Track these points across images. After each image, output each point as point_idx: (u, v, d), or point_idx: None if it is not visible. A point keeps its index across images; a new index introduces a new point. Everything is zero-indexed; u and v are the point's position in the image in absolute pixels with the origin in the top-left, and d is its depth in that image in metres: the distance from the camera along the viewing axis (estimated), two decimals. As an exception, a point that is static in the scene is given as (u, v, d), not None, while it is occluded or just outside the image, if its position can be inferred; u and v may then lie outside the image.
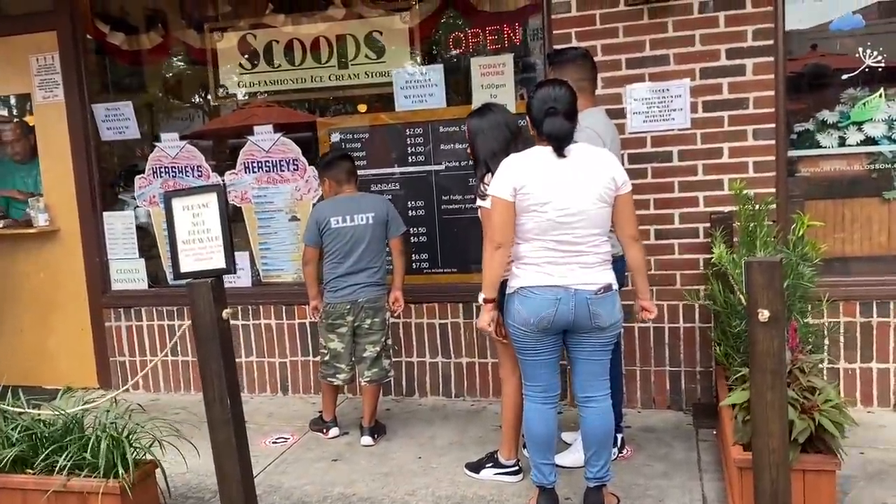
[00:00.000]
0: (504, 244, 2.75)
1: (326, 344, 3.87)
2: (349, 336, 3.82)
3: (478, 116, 3.19)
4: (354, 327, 3.82)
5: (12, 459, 3.03)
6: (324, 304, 3.87)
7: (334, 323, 3.81)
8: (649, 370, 4.10)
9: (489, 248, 2.79)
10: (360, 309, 3.79)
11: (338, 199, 3.85)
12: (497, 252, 2.76)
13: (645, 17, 3.85)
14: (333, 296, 3.80)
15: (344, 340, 3.82)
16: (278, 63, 4.65)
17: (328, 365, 3.87)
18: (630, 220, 2.81)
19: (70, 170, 4.88)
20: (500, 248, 2.75)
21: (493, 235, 2.77)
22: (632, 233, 2.82)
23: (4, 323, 5.14)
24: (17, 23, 4.90)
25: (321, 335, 3.91)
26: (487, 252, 2.80)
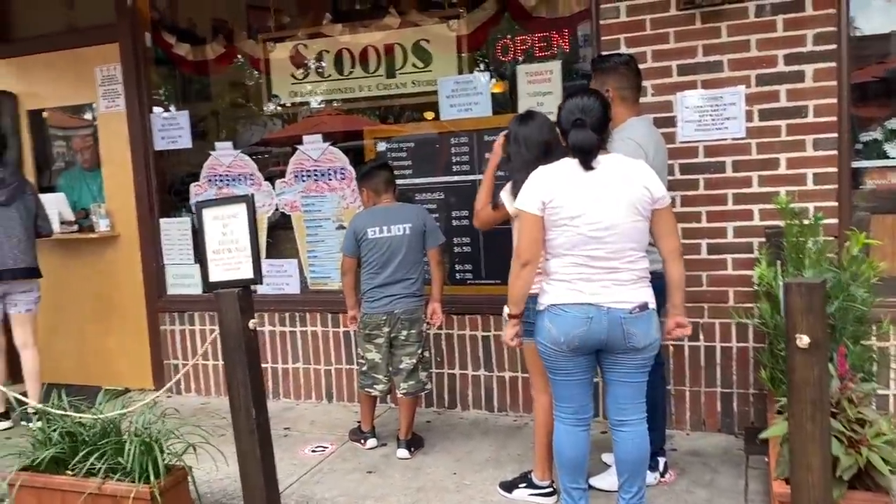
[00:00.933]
0: (531, 261, 2.66)
1: (364, 354, 3.85)
2: (386, 347, 3.79)
3: (517, 123, 3.12)
4: (391, 338, 3.78)
5: (53, 460, 3.12)
6: (361, 315, 3.84)
7: (371, 334, 3.79)
8: (699, 391, 3.91)
9: (516, 265, 2.70)
10: (397, 320, 3.75)
11: (375, 210, 3.83)
12: (524, 269, 2.66)
13: (697, 21, 3.69)
14: (370, 306, 3.78)
15: (381, 351, 3.79)
16: (328, 73, 4.68)
17: (366, 375, 3.85)
18: (670, 234, 2.68)
19: (130, 177, 5.04)
20: (528, 265, 2.66)
21: (519, 251, 2.68)
22: (673, 247, 2.68)
23: (68, 324, 5.34)
24: (84, 35, 5.10)
25: (359, 345, 3.90)
26: (514, 268, 2.72)
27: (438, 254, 3.85)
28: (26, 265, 4.52)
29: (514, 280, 2.72)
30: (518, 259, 2.69)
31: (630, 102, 3.18)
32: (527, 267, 2.66)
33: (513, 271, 2.73)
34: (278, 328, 4.82)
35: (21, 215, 4.51)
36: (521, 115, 3.17)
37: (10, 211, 4.46)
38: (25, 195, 4.57)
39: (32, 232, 4.59)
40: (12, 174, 4.58)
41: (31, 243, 4.57)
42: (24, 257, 4.50)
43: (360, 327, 3.84)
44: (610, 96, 3.03)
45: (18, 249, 4.47)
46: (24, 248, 4.51)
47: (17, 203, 4.50)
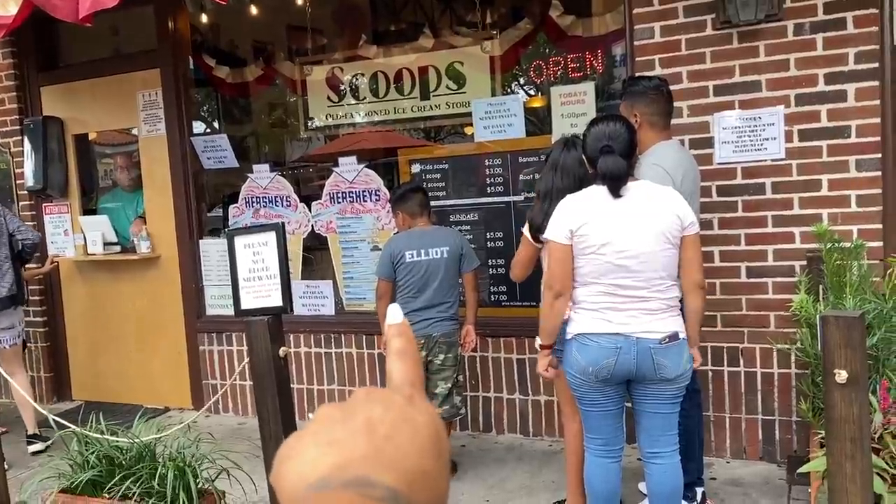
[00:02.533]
0: (564, 292, 2.61)
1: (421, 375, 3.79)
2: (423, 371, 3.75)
3: (561, 147, 3.07)
4: (427, 363, 3.75)
5: (90, 482, 3.18)
6: None
7: None
8: (739, 418, 3.80)
9: (548, 296, 2.65)
10: (435, 343, 3.71)
11: (412, 233, 3.81)
12: (557, 301, 2.62)
13: (734, 41, 3.62)
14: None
15: None
16: (363, 96, 4.72)
17: None
18: (695, 265, 2.60)
19: (170, 199, 5.13)
20: (561, 296, 2.61)
21: (551, 283, 2.64)
22: (696, 279, 2.61)
23: (110, 343, 5.46)
24: (127, 62, 5.24)
25: None
26: (547, 299, 2.67)
27: (474, 278, 3.82)
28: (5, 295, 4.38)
29: (547, 311, 2.68)
30: (550, 290, 2.65)
31: (659, 128, 3.11)
32: (560, 298, 2.62)
33: (545, 301, 2.70)
34: (313, 349, 4.84)
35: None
36: (567, 141, 3.10)
37: None
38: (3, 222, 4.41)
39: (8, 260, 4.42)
40: None
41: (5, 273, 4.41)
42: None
43: None
44: (637, 121, 2.98)
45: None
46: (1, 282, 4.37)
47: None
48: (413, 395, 0.49)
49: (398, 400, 0.48)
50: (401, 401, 0.48)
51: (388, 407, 0.47)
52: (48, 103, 5.47)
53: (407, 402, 0.48)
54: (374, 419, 0.45)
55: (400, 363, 0.54)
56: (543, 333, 2.73)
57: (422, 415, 0.47)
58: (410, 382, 0.52)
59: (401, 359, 0.54)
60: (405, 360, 0.54)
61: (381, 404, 0.47)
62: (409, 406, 0.47)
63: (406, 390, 0.50)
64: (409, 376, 0.53)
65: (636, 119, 3.00)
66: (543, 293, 2.73)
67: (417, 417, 0.47)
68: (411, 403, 0.48)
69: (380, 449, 0.44)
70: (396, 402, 0.47)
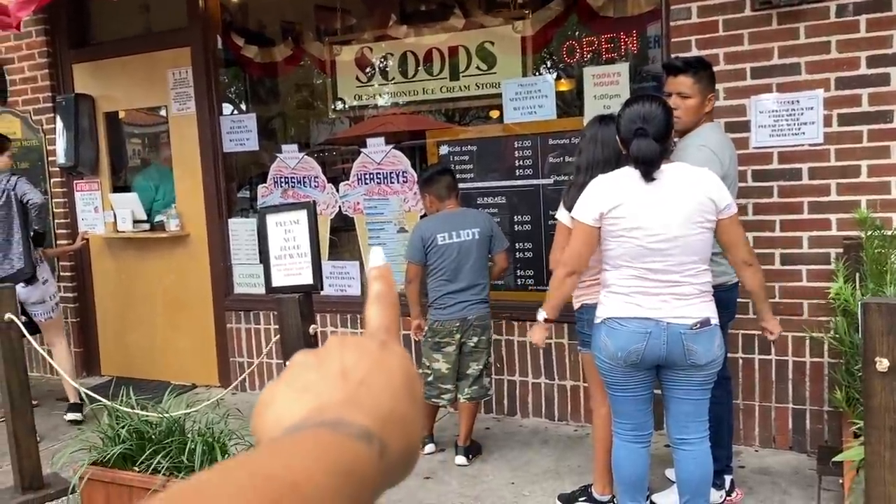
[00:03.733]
0: (577, 271, 2.60)
1: (430, 364, 3.77)
2: (455, 355, 3.73)
3: (598, 121, 3.05)
4: (460, 344, 3.73)
5: (121, 456, 3.22)
6: (430, 322, 3.79)
7: (441, 341, 3.72)
8: (769, 406, 3.76)
9: (561, 272, 2.64)
10: (469, 326, 3.69)
11: (442, 216, 3.78)
12: (569, 278, 2.61)
13: (774, 22, 3.53)
14: (442, 313, 3.71)
15: (450, 360, 3.72)
16: (392, 76, 4.69)
17: (432, 386, 3.77)
18: (739, 243, 2.58)
19: (199, 178, 5.15)
20: (574, 274, 2.60)
21: (566, 260, 2.62)
22: (744, 256, 2.59)
23: (140, 320, 5.51)
24: (157, 40, 5.24)
25: (424, 355, 3.84)
26: (559, 275, 2.65)
27: (505, 258, 3.80)
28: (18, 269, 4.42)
29: (557, 286, 2.68)
30: (564, 267, 2.63)
31: (702, 108, 3.06)
32: (572, 276, 2.62)
33: (556, 277, 2.68)
34: (340, 329, 4.86)
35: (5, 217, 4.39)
36: (605, 116, 3.08)
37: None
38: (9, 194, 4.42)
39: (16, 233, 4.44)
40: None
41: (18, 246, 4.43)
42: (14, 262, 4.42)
43: (429, 335, 3.78)
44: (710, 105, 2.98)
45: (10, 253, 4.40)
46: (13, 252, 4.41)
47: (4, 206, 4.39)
48: (387, 342, 0.50)
49: (372, 346, 0.49)
50: (374, 347, 0.49)
51: (361, 353, 0.47)
52: (80, 81, 5.50)
53: (380, 347, 0.49)
54: (348, 366, 0.46)
55: (378, 307, 0.54)
56: (549, 308, 2.72)
57: (395, 358, 0.48)
58: (386, 328, 0.52)
59: (379, 303, 0.54)
60: (383, 304, 0.54)
61: (355, 351, 0.48)
62: (382, 352, 0.48)
63: (380, 335, 0.51)
64: (384, 321, 0.53)
65: (710, 101, 2.96)
66: (557, 268, 2.70)
67: (391, 362, 0.48)
68: (385, 349, 0.49)
69: (354, 394, 0.44)
70: (370, 349, 0.48)
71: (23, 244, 4.44)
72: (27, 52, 5.52)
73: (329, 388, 0.45)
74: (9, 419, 3.68)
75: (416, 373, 0.49)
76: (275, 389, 0.47)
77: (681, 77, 3.00)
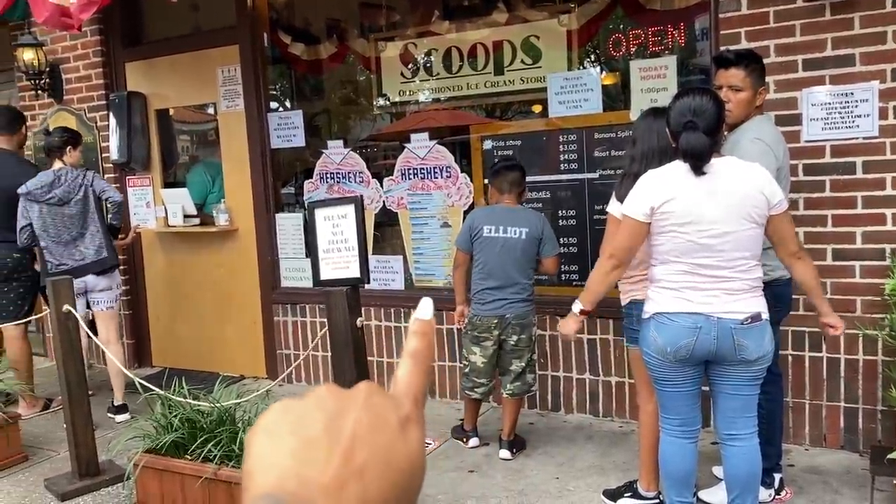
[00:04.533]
0: (623, 265, 2.59)
1: (468, 356, 3.81)
2: (493, 350, 3.73)
3: (652, 113, 3.03)
4: (501, 341, 3.73)
5: (174, 444, 3.31)
6: (470, 315, 3.81)
7: (480, 336, 3.73)
8: (820, 405, 3.69)
9: (606, 264, 2.62)
10: (508, 325, 3.68)
11: (494, 208, 3.77)
12: (614, 271, 2.60)
13: (827, 13, 3.46)
14: (481, 308, 3.71)
15: (486, 355, 3.73)
16: (437, 72, 4.71)
17: (467, 378, 3.82)
18: (790, 238, 2.54)
19: (248, 174, 5.25)
20: (619, 267, 2.59)
21: (614, 251, 2.60)
22: (795, 250, 2.55)
23: (189, 312, 5.64)
24: (208, 38, 5.35)
25: (464, 346, 3.88)
26: (604, 266, 2.64)
27: (553, 264, 3.75)
28: (92, 260, 4.53)
29: (600, 278, 2.66)
30: (610, 259, 2.61)
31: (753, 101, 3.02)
32: (618, 269, 2.61)
33: (600, 268, 2.66)
34: (383, 323, 4.90)
35: (80, 211, 4.50)
36: (658, 108, 3.06)
37: (68, 209, 4.47)
38: (87, 189, 4.50)
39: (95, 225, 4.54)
40: (71, 172, 4.51)
41: (92, 237, 4.54)
42: (89, 253, 4.53)
43: (469, 328, 3.79)
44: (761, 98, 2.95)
45: (79, 246, 4.51)
46: (87, 244, 4.52)
47: (76, 200, 4.48)
48: (409, 419, 0.46)
49: (392, 422, 0.45)
50: (394, 424, 0.45)
51: (377, 428, 0.44)
52: (132, 79, 5.64)
53: (399, 427, 0.45)
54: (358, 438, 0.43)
55: (411, 366, 0.51)
56: (586, 300, 2.71)
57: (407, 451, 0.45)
58: (414, 396, 0.49)
59: (413, 362, 0.51)
60: (417, 365, 0.51)
61: (374, 421, 0.44)
62: (399, 435, 0.45)
63: (406, 407, 0.47)
64: (414, 387, 0.50)
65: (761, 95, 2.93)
66: (602, 259, 2.68)
67: (401, 454, 0.44)
68: (404, 431, 0.45)
69: (344, 484, 0.41)
70: (388, 426, 0.45)
71: (103, 236, 4.58)
72: (82, 52, 5.68)
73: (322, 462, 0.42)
74: (66, 408, 3.80)
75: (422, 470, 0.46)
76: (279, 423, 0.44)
77: (732, 69, 2.96)
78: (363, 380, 0.51)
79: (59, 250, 4.50)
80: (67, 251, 4.51)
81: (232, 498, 3.11)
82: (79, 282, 4.39)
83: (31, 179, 4.47)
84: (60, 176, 4.47)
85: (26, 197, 4.43)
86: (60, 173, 4.48)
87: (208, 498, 3.16)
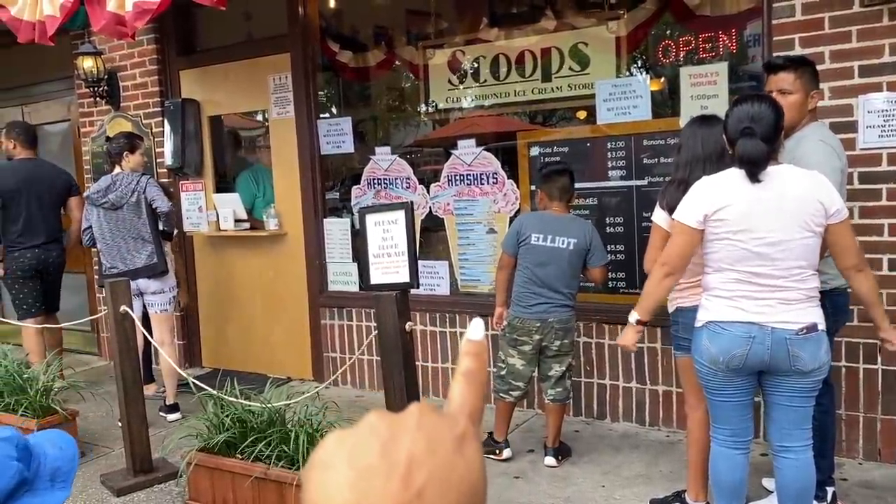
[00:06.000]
0: (675, 272, 2.57)
1: (505, 359, 3.76)
2: (532, 354, 3.70)
3: (700, 120, 3.01)
4: (542, 347, 3.71)
5: (225, 443, 3.38)
6: (510, 317, 3.77)
7: (519, 339, 3.69)
8: (875, 418, 3.61)
9: (659, 272, 2.61)
10: (550, 329, 3.65)
11: (544, 216, 3.73)
12: (667, 279, 2.59)
13: (885, 18, 3.39)
14: (523, 310, 3.67)
15: (525, 358, 3.70)
16: (484, 79, 4.74)
17: (502, 380, 3.76)
18: (850, 250, 2.49)
19: (297, 179, 5.34)
20: (672, 276, 2.57)
21: (667, 260, 2.59)
22: (854, 262, 2.51)
23: (239, 314, 5.76)
24: (260, 46, 5.46)
25: (501, 348, 3.84)
26: (657, 275, 2.62)
27: (601, 274, 3.72)
28: (142, 265, 4.64)
29: (654, 287, 2.64)
30: (663, 267, 2.60)
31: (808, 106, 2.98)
32: (671, 277, 2.59)
33: (654, 277, 2.65)
34: (429, 328, 4.94)
35: (132, 217, 4.60)
36: (705, 115, 3.06)
37: (121, 213, 4.58)
38: (138, 195, 4.60)
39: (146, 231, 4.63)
40: (128, 177, 4.62)
41: (144, 243, 4.64)
42: (140, 258, 4.63)
43: (508, 331, 3.76)
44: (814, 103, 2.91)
45: (130, 250, 4.61)
46: (138, 249, 4.63)
47: (129, 205, 4.58)
48: (465, 436, 0.46)
49: (447, 441, 0.45)
50: (450, 441, 0.45)
51: (433, 448, 0.44)
52: (186, 86, 5.79)
53: (457, 444, 0.45)
54: (415, 461, 0.43)
55: (465, 386, 0.51)
56: (642, 310, 2.69)
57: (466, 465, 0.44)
58: (469, 413, 0.49)
59: (466, 380, 0.51)
60: (471, 385, 0.51)
61: (429, 441, 0.44)
62: (457, 450, 0.44)
63: (461, 424, 0.47)
64: (468, 405, 0.49)
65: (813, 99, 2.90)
66: (655, 267, 2.67)
67: (460, 469, 0.44)
68: (461, 447, 0.45)
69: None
70: (444, 445, 0.44)
71: (154, 241, 4.67)
72: (139, 60, 5.85)
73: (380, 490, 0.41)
74: (122, 406, 3.92)
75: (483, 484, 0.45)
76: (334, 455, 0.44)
77: (781, 73, 2.93)
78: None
79: (112, 253, 4.64)
80: (119, 255, 4.65)
81: (281, 497, 3.16)
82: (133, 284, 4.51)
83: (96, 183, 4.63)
84: (116, 181, 4.61)
85: (87, 200, 4.60)
86: (116, 178, 4.63)
87: (258, 497, 3.23)
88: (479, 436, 0.48)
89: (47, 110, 6.80)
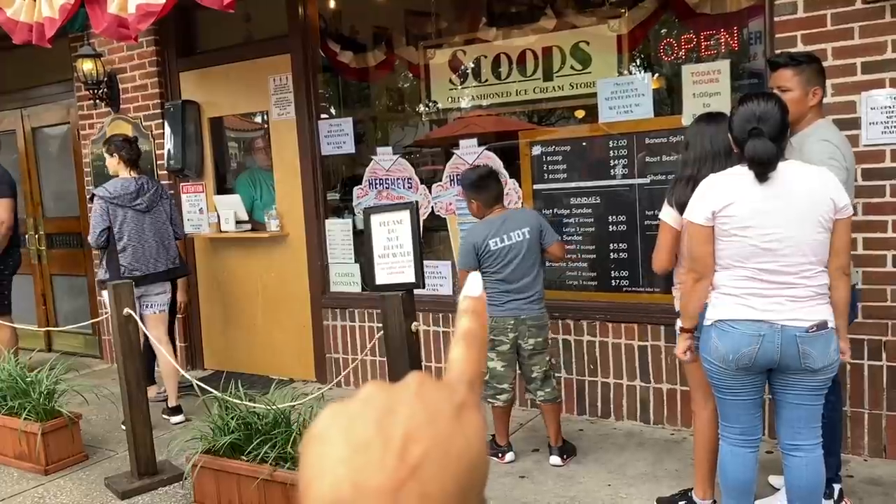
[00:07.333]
0: (705, 274, 2.54)
1: (486, 363, 3.75)
2: (511, 355, 3.69)
3: (706, 117, 3.00)
4: (517, 346, 3.69)
5: (230, 445, 3.37)
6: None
7: (495, 339, 3.66)
8: (880, 414, 3.60)
9: (689, 280, 2.60)
10: (524, 325, 3.64)
11: (492, 220, 3.69)
12: (699, 284, 2.56)
13: (887, 14, 3.39)
14: (497, 309, 3.64)
15: (505, 359, 3.68)
16: (485, 78, 4.73)
17: (488, 385, 3.73)
18: (844, 250, 2.48)
19: (298, 180, 5.33)
20: (703, 279, 2.55)
21: (693, 265, 2.58)
22: (843, 264, 2.49)
23: (241, 316, 5.75)
24: (260, 47, 5.45)
25: None
26: (688, 282, 2.62)
27: (559, 249, 3.75)
28: (165, 268, 4.72)
29: (689, 294, 2.63)
30: (691, 273, 2.59)
31: (814, 104, 2.98)
32: (702, 281, 2.55)
33: (686, 284, 2.65)
34: (432, 328, 4.93)
35: (160, 220, 4.70)
36: (710, 113, 3.05)
37: (150, 216, 4.65)
38: (163, 200, 4.75)
39: (170, 235, 4.78)
40: (150, 181, 4.77)
41: (168, 247, 4.75)
42: (162, 261, 4.70)
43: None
44: (815, 100, 2.89)
45: (157, 253, 4.67)
46: (162, 252, 4.70)
47: (157, 209, 4.69)
48: (464, 405, 0.44)
49: (446, 412, 0.43)
50: (449, 412, 0.43)
51: (431, 419, 0.42)
52: (186, 88, 5.78)
53: (456, 414, 0.43)
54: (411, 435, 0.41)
55: (464, 348, 0.48)
56: (685, 316, 2.68)
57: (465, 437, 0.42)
58: (469, 380, 0.46)
59: (467, 343, 0.49)
60: (470, 347, 0.48)
61: (426, 413, 0.42)
62: (456, 421, 0.43)
63: (460, 392, 0.45)
64: (469, 370, 0.47)
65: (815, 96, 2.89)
66: (685, 274, 2.67)
67: (459, 442, 0.42)
68: (460, 416, 0.43)
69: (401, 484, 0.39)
70: (443, 416, 0.43)
71: (175, 246, 4.85)
72: (138, 62, 5.83)
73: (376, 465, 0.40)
74: (126, 409, 3.90)
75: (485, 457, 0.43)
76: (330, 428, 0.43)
77: (781, 70, 2.94)
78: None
79: (138, 255, 4.64)
80: (145, 257, 4.66)
81: (287, 499, 3.16)
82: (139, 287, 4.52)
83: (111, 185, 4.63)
84: (143, 185, 4.68)
85: (109, 201, 4.58)
86: (141, 181, 4.70)
87: (264, 499, 3.22)
88: (480, 404, 0.46)
89: (47, 113, 6.78)
